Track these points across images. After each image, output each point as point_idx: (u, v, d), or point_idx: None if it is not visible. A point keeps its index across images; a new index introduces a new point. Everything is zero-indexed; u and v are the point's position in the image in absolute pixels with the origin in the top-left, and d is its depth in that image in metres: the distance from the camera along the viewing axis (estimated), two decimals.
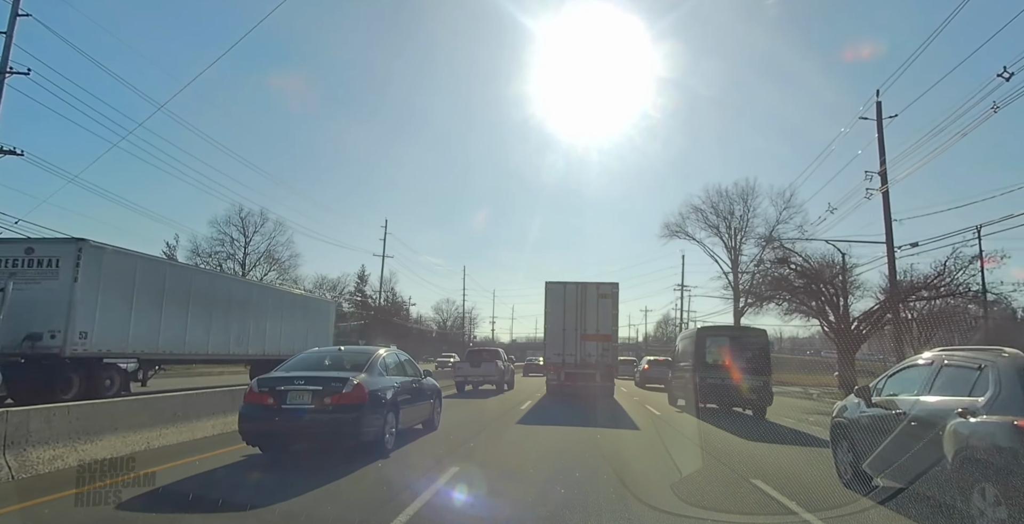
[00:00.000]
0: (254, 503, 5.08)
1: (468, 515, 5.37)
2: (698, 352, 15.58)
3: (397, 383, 8.48)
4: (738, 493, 6.06)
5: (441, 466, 6.99)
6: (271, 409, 7.13)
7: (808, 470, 7.47)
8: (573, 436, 10.34)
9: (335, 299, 53.98)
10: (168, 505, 5.11)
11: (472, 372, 21.69)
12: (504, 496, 5.87)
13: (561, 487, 6.07)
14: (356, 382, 7.32)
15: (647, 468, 7.57)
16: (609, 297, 18.69)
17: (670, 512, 5.19)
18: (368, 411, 7.34)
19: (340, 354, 8.72)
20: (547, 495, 5.77)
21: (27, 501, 5.05)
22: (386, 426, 7.74)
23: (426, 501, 5.35)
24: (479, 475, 6.72)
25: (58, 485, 5.51)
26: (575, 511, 5.15)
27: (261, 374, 7.96)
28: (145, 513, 4.83)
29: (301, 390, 7.19)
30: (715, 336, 16.50)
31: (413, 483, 6.08)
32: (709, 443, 9.77)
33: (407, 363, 9.55)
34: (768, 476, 6.84)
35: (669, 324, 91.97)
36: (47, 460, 6.19)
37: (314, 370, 7.96)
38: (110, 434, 7.14)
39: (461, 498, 5.73)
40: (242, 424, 7.18)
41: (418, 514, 4.90)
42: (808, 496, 5.86)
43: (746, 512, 5.36)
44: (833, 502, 5.72)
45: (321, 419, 7.07)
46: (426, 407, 9.81)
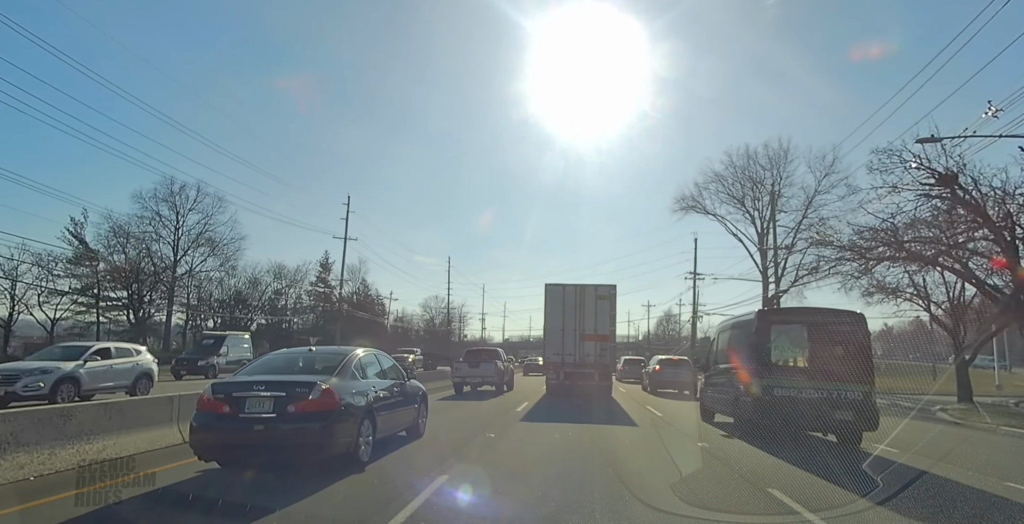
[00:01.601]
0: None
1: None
2: (756, 347, 10.51)
3: (375, 387, 7.60)
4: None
5: (423, 480, 6.13)
6: (227, 418, 6.25)
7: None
8: (573, 435, 9.55)
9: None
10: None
11: (470, 373, 20.90)
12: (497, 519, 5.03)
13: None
14: (325, 387, 6.44)
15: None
16: (607, 298, 18.72)
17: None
18: (339, 419, 6.46)
19: (311, 356, 7.83)
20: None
21: (27, 501, 5.03)
22: (360, 435, 6.85)
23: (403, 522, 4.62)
24: (466, 492, 5.86)
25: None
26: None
27: None
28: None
29: (261, 397, 6.31)
30: (785, 323, 11.14)
31: (389, 500, 5.31)
32: None
33: (387, 364, 8.66)
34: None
35: (671, 321, 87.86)
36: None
37: (279, 373, 7.06)
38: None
39: (446, 519, 4.96)
40: (193, 436, 6.29)
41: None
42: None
43: (746, 512, 5.18)
44: (832, 502, 5.51)
45: (284, 429, 6.18)
46: (409, 412, 8.92)
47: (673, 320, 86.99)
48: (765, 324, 10.85)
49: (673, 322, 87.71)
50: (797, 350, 10.65)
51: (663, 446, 9.50)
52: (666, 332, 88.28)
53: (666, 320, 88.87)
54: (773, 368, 10.23)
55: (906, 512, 5.18)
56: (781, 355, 10.63)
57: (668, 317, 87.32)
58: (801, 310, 13.72)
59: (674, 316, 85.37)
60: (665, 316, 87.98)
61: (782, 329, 10.83)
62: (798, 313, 12.51)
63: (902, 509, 5.21)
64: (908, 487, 6.16)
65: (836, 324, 10.64)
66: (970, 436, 12.50)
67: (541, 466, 7.51)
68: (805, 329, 10.67)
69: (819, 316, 11.17)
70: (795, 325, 10.97)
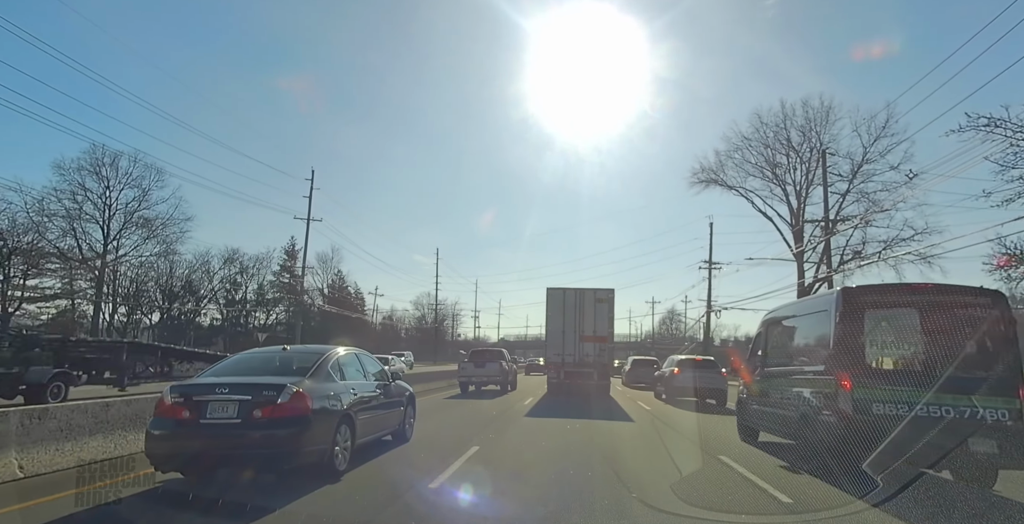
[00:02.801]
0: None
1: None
2: (842, 343, 7.20)
3: (354, 389, 7.01)
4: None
5: (401, 491, 5.58)
6: (187, 424, 5.67)
7: None
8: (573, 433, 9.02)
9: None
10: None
11: (476, 372, 21.59)
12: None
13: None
14: (296, 390, 5.85)
15: None
16: (605, 301, 19.56)
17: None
18: (311, 425, 5.87)
19: (285, 355, 7.22)
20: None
21: (27, 500, 5.02)
22: (336, 443, 6.27)
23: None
24: (452, 505, 5.30)
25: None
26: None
27: None
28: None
29: (225, 400, 5.72)
30: (885, 306, 7.55)
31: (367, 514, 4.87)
32: None
33: (369, 364, 8.08)
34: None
35: (675, 320, 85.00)
36: None
37: (247, 374, 6.46)
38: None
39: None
40: (149, 443, 5.70)
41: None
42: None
43: (746, 512, 5.11)
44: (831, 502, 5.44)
45: (250, 436, 5.61)
46: (393, 416, 8.35)
47: (677, 319, 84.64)
48: (855, 308, 7.35)
49: (677, 320, 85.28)
50: (906, 347, 7.29)
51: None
52: (669, 331, 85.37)
53: (669, 319, 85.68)
54: (870, 373, 6.96)
55: (906, 512, 5.08)
56: (882, 354, 7.28)
57: (672, 316, 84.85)
58: (909, 287, 8.89)
59: (677, 315, 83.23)
60: (668, 314, 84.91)
61: (882, 315, 7.38)
62: (905, 291, 8.32)
63: (902, 509, 5.12)
64: (908, 487, 5.79)
65: (963, 307, 7.42)
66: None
67: (546, 461, 6.97)
68: (916, 315, 7.28)
69: (937, 295, 7.67)
70: (902, 309, 7.42)
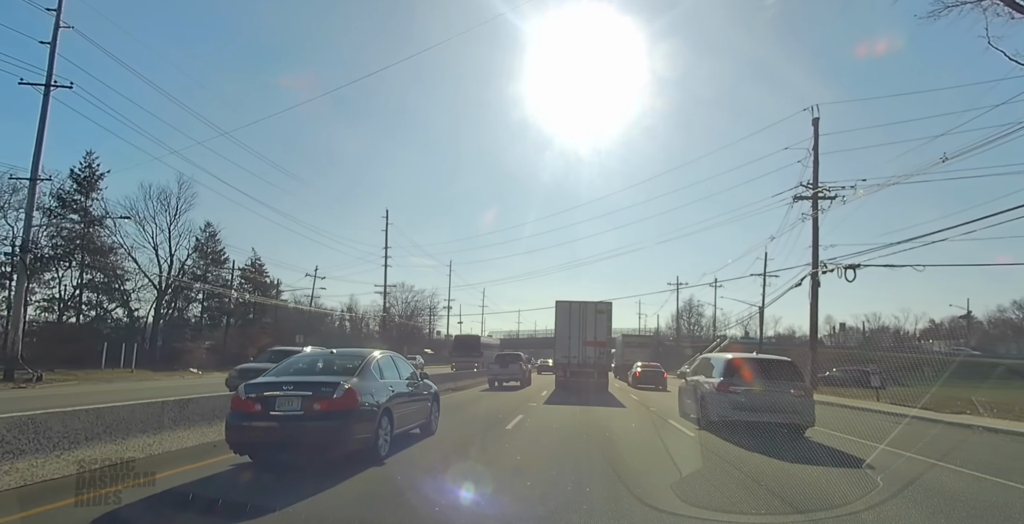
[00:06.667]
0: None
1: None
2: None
3: (391, 387, 8.17)
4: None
5: (437, 473, 6.71)
6: (259, 416, 6.83)
7: None
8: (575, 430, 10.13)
9: None
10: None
11: (501, 372, 27.49)
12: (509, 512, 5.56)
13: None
14: (347, 387, 7.02)
15: None
16: (604, 312, 23.38)
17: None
18: (360, 417, 7.04)
19: (331, 357, 8.45)
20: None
21: (28, 504, 5.02)
22: (379, 432, 7.43)
23: (419, 511, 5.16)
24: (478, 483, 6.40)
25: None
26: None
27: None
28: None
29: (290, 396, 6.89)
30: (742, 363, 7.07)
31: (409, 491, 5.91)
32: None
33: (402, 365, 9.26)
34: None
35: (693, 312, 74.23)
36: None
37: (304, 375, 7.65)
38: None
39: (462, 506, 5.45)
40: (229, 433, 6.88)
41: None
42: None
43: (746, 512, 5.20)
44: (831, 502, 5.51)
45: (311, 426, 6.76)
46: (423, 410, 9.51)
47: (695, 311, 74.26)
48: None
49: (695, 313, 74.77)
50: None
51: None
52: (688, 325, 75.34)
53: (687, 311, 74.51)
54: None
55: (906, 512, 5.05)
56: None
57: (689, 308, 73.97)
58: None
59: (696, 305, 73.00)
60: (686, 306, 73.16)
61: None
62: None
63: (902, 509, 5.07)
64: (908, 487, 6.12)
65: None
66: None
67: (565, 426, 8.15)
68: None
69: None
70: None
